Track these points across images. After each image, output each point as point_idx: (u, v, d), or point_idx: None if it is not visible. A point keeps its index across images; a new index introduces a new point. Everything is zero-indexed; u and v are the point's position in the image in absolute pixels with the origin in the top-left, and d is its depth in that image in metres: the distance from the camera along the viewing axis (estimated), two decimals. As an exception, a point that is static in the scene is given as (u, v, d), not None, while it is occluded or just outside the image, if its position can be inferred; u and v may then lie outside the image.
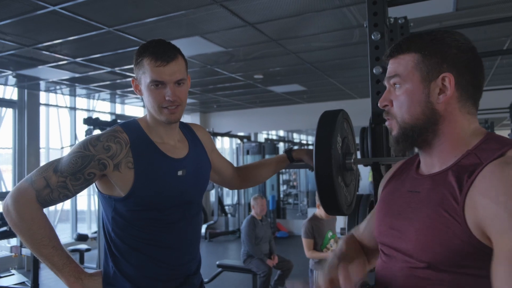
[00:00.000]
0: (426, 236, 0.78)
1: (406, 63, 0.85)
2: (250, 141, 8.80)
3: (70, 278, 1.17)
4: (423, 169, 0.90)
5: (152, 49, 1.23)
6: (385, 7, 1.54)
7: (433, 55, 0.83)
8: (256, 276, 4.09)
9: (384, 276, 0.90)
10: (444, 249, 0.75)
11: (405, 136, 0.86)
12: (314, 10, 3.40)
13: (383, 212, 0.94)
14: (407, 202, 0.87)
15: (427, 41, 0.84)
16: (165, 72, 1.20)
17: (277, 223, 8.19)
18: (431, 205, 0.79)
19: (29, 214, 1.14)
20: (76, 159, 1.17)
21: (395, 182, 0.97)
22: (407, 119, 0.85)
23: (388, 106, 0.89)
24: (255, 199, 4.52)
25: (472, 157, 0.78)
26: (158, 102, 1.22)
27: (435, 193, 0.80)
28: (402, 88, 0.86)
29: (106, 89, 6.56)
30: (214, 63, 5.13)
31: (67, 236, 7.07)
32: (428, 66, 0.83)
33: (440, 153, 0.85)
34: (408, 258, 0.82)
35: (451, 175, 0.79)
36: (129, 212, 1.22)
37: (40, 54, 4.44)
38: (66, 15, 3.32)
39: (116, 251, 1.24)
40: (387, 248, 0.90)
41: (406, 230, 0.83)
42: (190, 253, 1.32)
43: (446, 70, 0.82)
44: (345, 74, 6.03)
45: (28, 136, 6.19)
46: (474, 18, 3.72)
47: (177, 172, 1.27)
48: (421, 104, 0.83)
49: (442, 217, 0.76)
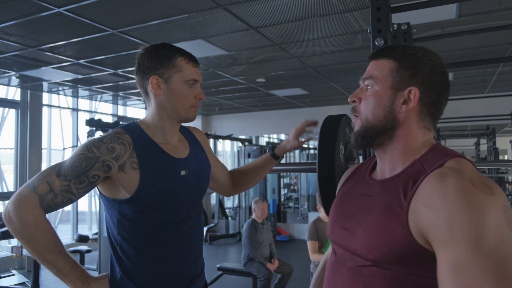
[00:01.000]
0: (372, 237, 0.83)
1: (382, 67, 0.91)
2: (251, 145, 8.80)
3: (77, 282, 1.16)
4: (377, 173, 0.96)
5: (182, 50, 1.30)
6: (389, 13, 1.54)
7: (409, 68, 0.89)
8: (257, 279, 4.08)
9: (331, 272, 0.95)
10: (388, 250, 0.80)
11: (364, 134, 0.92)
12: (317, 15, 3.42)
13: (337, 212, 1.00)
14: (359, 204, 0.93)
15: (407, 54, 0.90)
16: (198, 72, 1.32)
17: (278, 227, 8.17)
18: (379, 209, 0.85)
19: (33, 220, 1.12)
20: (80, 161, 1.16)
21: (349, 185, 1.03)
22: (370, 118, 0.91)
23: (356, 103, 0.95)
24: (256, 202, 4.52)
25: (418, 166, 0.84)
26: (190, 100, 1.30)
27: (383, 198, 0.86)
28: (372, 89, 0.92)
29: (108, 91, 6.58)
30: (216, 66, 5.14)
31: (68, 237, 7.07)
32: (400, 76, 0.89)
33: (391, 158, 0.91)
34: (355, 257, 0.87)
35: (398, 182, 0.85)
36: (135, 213, 1.22)
37: (43, 55, 4.46)
38: (70, 17, 3.33)
39: (123, 255, 1.23)
40: (338, 247, 0.95)
41: (355, 231, 0.89)
42: (195, 253, 1.33)
43: (415, 85, 0.88)
44: (347, 78, 6.04)
45: (30, 137, 6.20)
46: (476, 24, 3.73)
47: (180, 171, 1.28)
48: (385, 109, 0.89)
49: (388, 221, 0.82)
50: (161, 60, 1.26)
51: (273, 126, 9.44)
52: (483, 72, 5.57)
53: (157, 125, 1.30)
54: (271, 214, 7.99)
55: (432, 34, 3.88)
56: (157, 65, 1.26)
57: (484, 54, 4.77)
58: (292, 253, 6.80)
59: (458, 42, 4.31)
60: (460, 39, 4.16)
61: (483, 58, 4.66)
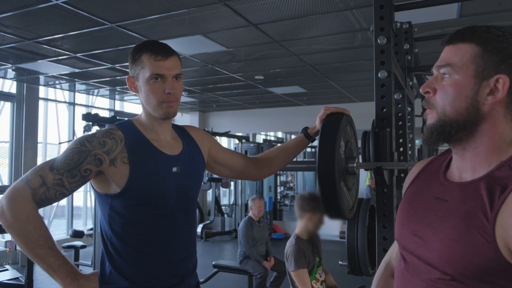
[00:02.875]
0: (451, 249, 0.75)
1: (463, 53, 0.80)
2: (248, 142, 8.78)
3: (67, 279, 1.16)
4: (454, 173, 0.86)
5: (150, 46, 1.27)
6: (392, 11, 1.53)
7: (495, 52, 0.77)
8: (252, 277, 4.07)
9: (405, 281, 0.87)
10: (469, 264, 0.73)
11: (441, 129, 0.81)
12: (318, 12, 3.40)
13: (406, 215, 0.90)
14: (433, 209, 0.83)
15: (494, 36, 0.78)
16: (164, 66, 1.25)
17: (274, 225, 8.17)
18: (459, 217, 0.76)
19: (25, 213, 1.12)
20: (73, 155, 1.17)
21: (420, 184, 0.93)
22: (448, 111, 0.80)
23: (429, 94, 0.84)
24: (253, 200, 4.51)
25: (506, 169, 0.74)
26: (157, 96, 1.26)
27: (464, 205, 0.76)
28: (451, 78, 0.81)
29: (105, 85, 6.54)
30: (215, 62, 5.11)
31: (63, 232, 7.03)
32: (486, 62, 0.77)
33: (473, 157, 0.81)
34: (431, 268, 0.79)
35: (483, 188, 0.75)
36: (126, 208, 1.23)
37: (40, 48, 4.42)
38: (69, 10, 3.30)
39: (113, 250, 1.24)
40: (408, 254, 0.87)
41: (429, 239, 0.80)
42: (187, 250, 1.33)
43: (503, 72, 0.76)
44: (346, 77, 6.03)
45: (25, 130, 6.15)
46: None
47: (171, 168, 1.29)
48: (467, 100, 0.78)
49: (470, 232, 0.73)
50: (132, 59, 1.29)
51: (271, 123, 9.42)
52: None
53: (147, 122, 1.33)
54: (267, 211, 7.98)
55: (433, 34, 3.87)
56: (131, 65, 1.30)
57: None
58: (287, 251, 6.79)
59: (457, 42, 4.31)
60: (460, 39, 4.15)
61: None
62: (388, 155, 1.43)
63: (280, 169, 1.66)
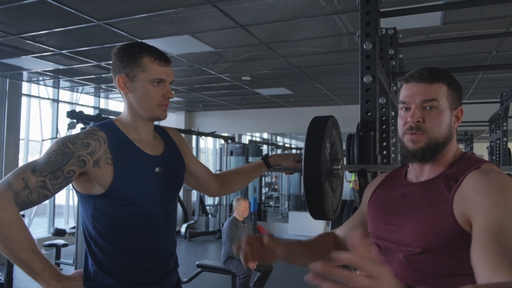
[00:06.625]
0: (422, 227, 0.98)
1: (441, 91, 1.04)
2: (234, 142, 8.78)
3: (51, 281, 1.16)
4: (411, 178, 1.11)
5: (150, 50, 1.30)
6: (377, 17, 1.57)
7: (455, 90, 1.06)
8: (236, 277, 4.09)
9: None
10: (437, 236, 0.95)
11: (433, 150, 1.03)
12: (305, 15, 3.44)
13: (378, 211, 1.13)
14: (402, 203, 1.06)
15: (451, 77, 1.06)
16: (166, 72, 1.30)
17: (258, 225, 8.19)
18: (425, 204, 1.00)
19: (8, 218, 1.10)
20: (56, 156, 1.17)
21: (385, 189, 1.16)
22: (438, 135, 1.04)
23: (420, 122, 1.04)
24: (238, 200, 4.52)
25: (455, 168, 1.02)
26: (156, 99, 1.29)
27: (427, 196, 1.01)
28: (438, 110, 1.03)
29: (91, 83, 6.46)
30: (202, 62, 5.11)
31: (44, 230, 6.92)
32: (453, 98, 1.05)
33: (435, 164, 1.06)
34: (404, 247, 1.01)
35: (440, 182, 1.01)
36: (110, 208, 1.24)
37: (24, 44, 4.35)
38: (55, 6, 3.26)
39: (97, 249, 1.25)
40: (382, 241, 1.08)
41: (403, 224, 1.02)
42: (169, 248, 1.36)
43: (460, 105, 1.08)
44: (332, 80, 6.09)
45: (7, 127, 6.04)
46: (459, 32, 3.82)
47: (154, 168, 1.31)
48: (447, 126, 1.05)
49: (435, 212, 0.97)
50: (128, 59, 1.29)
51: (257, 124, 9.45)
52: (464, 79, 5.71)
53: (130, 122, 1.33)
54: (251, 212, 8.00)
55: (417, 40, 3.95)
56: (124, 64, 1.29)
57: (465, 62, 4.88)
58: (271, 252, 6.81)
59: (441, 48, 4.41)
60: (443, 45, 4.25)
61: (464, 66, 4.77)
62: (372, 158, 1.47)
63: (238, 190, 1.78)
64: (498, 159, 4.55)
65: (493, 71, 5.31)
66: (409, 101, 1.05)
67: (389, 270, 0.60)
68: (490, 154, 5.05)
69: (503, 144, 4.45)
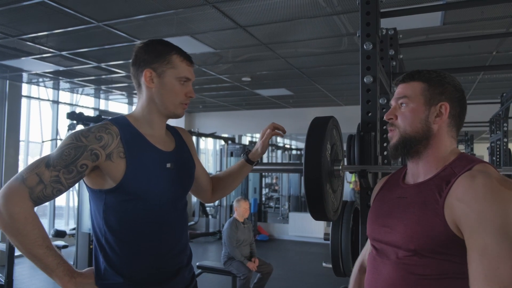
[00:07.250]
0: (412, 229, 0.98)
1: (414, 88, 1.08)
2: (234, 143, 8.78)
3: (65, 277, 1.16)
4: (409, 179, 1.11)
5: (177, 48, 1.35)
6: (378, 18, 1.56)
7: (436, 86, 1.06)
8: (236, 278, 4.08)
9: (374, 265, 1.08)
10: (427, 238, 0.95)
11: (403, 144, 1.07)
12: (305, 16, 3.43)
13: (375, 213, 1.14)
14: (397, 205, 1.07)
15: (433, 75, 1.07)
16: (191, 71, 1.37)
17: (258, 226, 8.18)
18: (417, 206, 1.00)
19: (23, 214, 1.10)
20: (69, 150, 1.17)
21: (384, 192, 1.17)
22: (408, 130, 1.06)
23: (392, 119, 1.10)
24: (238, 201, 4.52)
25: (449, 170, 1.00)
26: (180, 96, 1.34)
27: (420, 198, 1.01)
28: (408, 106, 1.07)
29: (90, 84, 6.46)
30: (202, 63, 5.11)
31: (44, 232, 6.90)
32: (431, 93, 1.06)
33: (425, 164, 1.06)
34: (397, 249, 1.01)
35: (433, 184, 1.00)
36: (120, 203, 1.23)
37: (24, 45, 4.35)
38: (54, 7, 3.26)
39: (107, 246, 1.25)
40: (378, 243, 1.09)
41: (395, 226, 1.03)
42: (180, 245, 1.35)
43: (445, 100, 1.05)
44: (332, 81, 6.09)
45: (8, 128, 6.04)
46: (459, 33, 3.82)
47: (165, 164, 1.31)
48: (421, 121, 1.06)
49: (426, 215, 0.97)
50: (157, 54, 1.31)
51: (257, 125, 9.43)
52: (464, 80, 5.70)
53: (146, 117, 1.34)
54: (251, 213, 7.99)
55: (417, 40, 3.94)
56: (153, 59, 1.31)
57: (465, 62, 4.88)
58: (271, 253, 6.82)
59: (441, 49, 4.40)
60: (443, 46, 4.25)
61: (465, 66, 4.77)
62: (373, 159, 1.46)
63: (227, 194, 1.77)
64: (499, 160, 4.54)
65: (493, 71, 5.31)
66: (392, 102, 1.12)
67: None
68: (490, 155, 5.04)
69: (504, 144, 4.44)
